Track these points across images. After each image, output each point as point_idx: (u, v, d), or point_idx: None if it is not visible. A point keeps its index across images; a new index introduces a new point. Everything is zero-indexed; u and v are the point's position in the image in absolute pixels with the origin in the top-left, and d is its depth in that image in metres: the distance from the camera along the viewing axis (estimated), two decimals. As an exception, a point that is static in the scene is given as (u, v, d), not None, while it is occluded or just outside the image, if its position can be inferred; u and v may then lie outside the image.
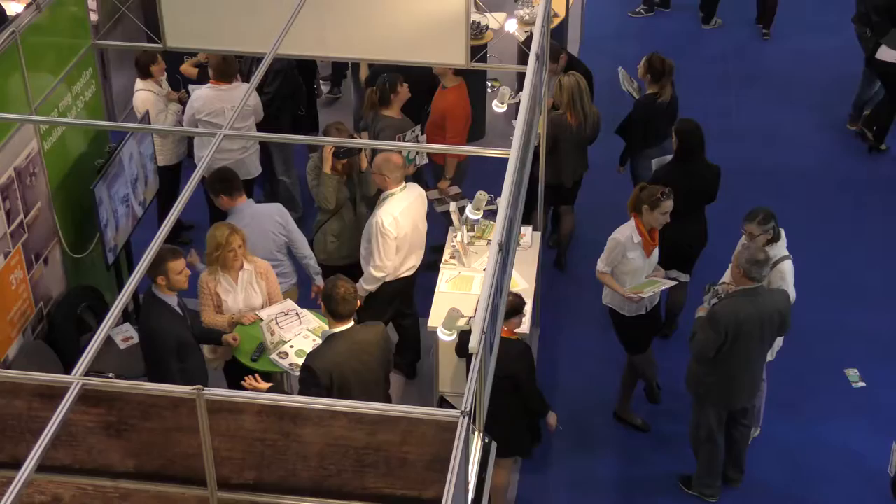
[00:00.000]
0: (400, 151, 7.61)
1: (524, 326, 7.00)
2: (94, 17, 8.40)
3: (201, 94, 8.53)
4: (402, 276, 7.64)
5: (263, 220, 7.48)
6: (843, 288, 9.09)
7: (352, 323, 6.28)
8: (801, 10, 13.40)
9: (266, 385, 6.40)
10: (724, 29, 13.10)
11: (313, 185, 7.81)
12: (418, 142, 8.54)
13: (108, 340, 7.07)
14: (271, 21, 6.99)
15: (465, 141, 9.10)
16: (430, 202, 9.08)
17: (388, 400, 6.49)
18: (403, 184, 7.49)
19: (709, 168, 8.15)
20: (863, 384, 8.21)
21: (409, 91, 8.43)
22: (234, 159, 8.60)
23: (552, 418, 6.90)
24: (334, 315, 6.24)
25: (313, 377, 6.10)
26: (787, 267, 7.10)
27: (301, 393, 6.09)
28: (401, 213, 7.39)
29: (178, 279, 6.53)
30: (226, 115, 8.23)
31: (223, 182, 7.48)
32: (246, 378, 6.46)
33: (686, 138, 8.00)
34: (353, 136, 8.05)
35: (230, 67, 8.48)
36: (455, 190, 8.81)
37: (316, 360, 6.19)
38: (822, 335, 8.55)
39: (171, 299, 6.62)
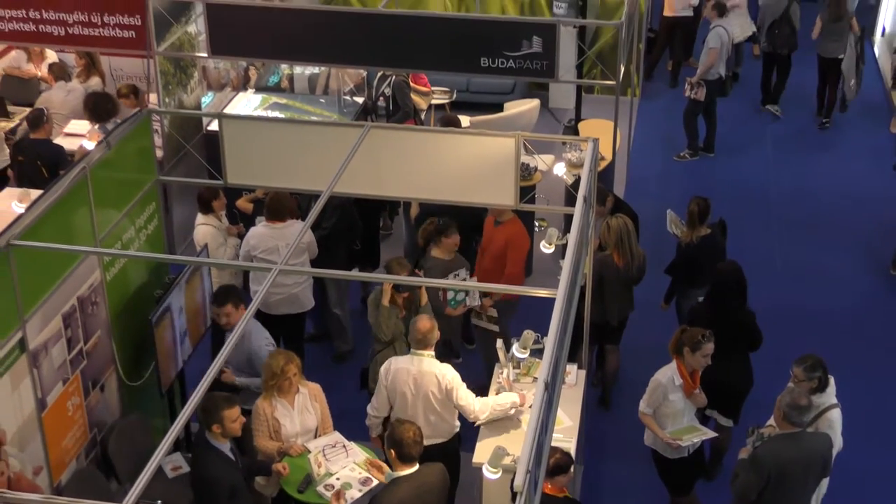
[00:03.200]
0: (429, 317, 7.55)
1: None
2: (158, 153, 8.74)
3: (256, 233, 8.80)
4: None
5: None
6: (892, 434, 9.02)
7: (417, 465, 6.37)
8: (841, 157, 13.63)
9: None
10: (767, 170, 13.31)
11: (373, 315, 8.00)
12: (465, 282, 8.69)
13: (158, 469, 7.16)
14: (327, 160, 7.25)
15: (524, 273, 9.22)
16: (468, 313, 9.15)
17: None
18: (427, 352, 7.30)
19: (743, 313, 8.14)
20: (912, 532, 8.10)
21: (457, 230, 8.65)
22: (288, 293, 8.83)
23: None
24: (403, 458, 6.34)
25: None
26: (836, 415, 7.07)
27: None
28: (397, 371, 7.32)
29: (232, 427, 6.61)
30: (280, 251, 8.48)
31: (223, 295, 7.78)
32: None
33: (721, 278, 8.10)
34: (415, 273, 8.24)
35: (283, 207, 8.74)
36: (493, 312, 8.87)
37: (382, 501, 6.26)
38: (870, 481, 8.44)
39: (224, 446, 6.70)
